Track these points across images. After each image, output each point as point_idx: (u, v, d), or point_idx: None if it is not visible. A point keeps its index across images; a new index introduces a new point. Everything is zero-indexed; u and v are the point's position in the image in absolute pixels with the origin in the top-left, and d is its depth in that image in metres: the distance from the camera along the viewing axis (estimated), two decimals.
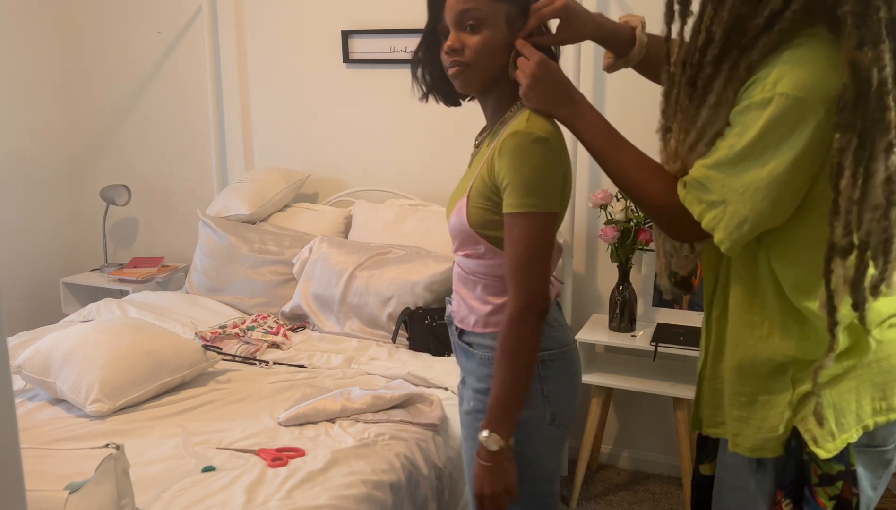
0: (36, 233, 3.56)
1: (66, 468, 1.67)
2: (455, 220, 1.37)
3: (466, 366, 1.45)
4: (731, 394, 1.19)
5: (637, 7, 2.64)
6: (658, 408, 2.83)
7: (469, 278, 1.40)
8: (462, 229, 1.36)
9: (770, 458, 1.16)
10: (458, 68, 1.32)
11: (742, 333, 1.16)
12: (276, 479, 1.69)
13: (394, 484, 1.77)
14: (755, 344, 1.15)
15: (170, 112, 3.50)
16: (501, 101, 1.37)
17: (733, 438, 1.20)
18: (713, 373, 1.25)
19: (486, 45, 1.30)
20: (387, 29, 3.00)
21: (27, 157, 3.49)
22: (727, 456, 1.23)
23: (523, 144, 1.26)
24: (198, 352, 2.25)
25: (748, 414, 1.17)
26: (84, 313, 2.86)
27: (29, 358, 2.14)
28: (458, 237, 1.39)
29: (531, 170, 1.25)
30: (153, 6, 3.41)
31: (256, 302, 2.87)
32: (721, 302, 1.21)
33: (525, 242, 1.27)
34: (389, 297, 2.56)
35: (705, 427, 1.29)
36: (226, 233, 2.99)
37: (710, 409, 1.26)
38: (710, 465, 1.33)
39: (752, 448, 1.17)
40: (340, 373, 2.33)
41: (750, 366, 1.16)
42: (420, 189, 3.08)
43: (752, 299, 1.15)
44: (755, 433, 1.16)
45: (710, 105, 1.09)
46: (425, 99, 1.50)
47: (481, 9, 1.29)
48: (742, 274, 1.16)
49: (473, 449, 1.35)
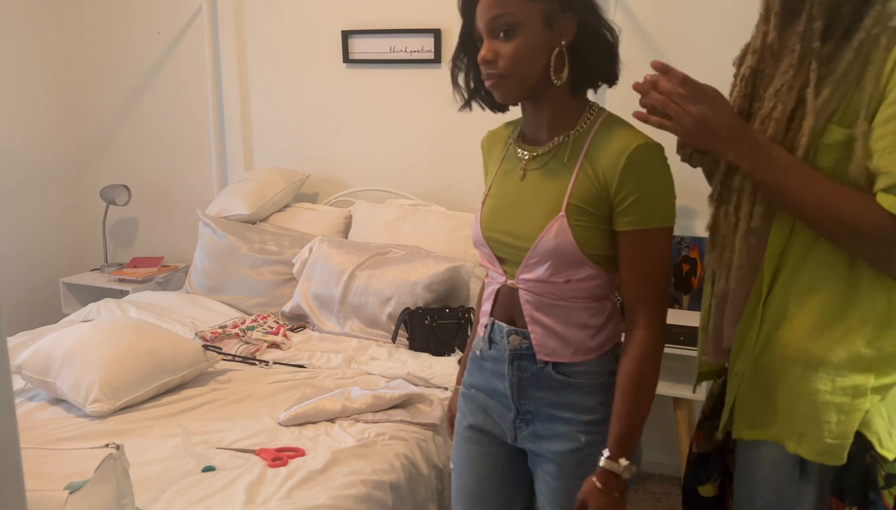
0: (36, 233, 3.56)
1: (66, 468, 1.67)
2: (553, 243, 1.23)
3: (559, 400, 1.30)
4: (802, 392, 1.12)
5: (637, 7, 2.65)
6: (658, 408, 2.83)
7: (559, 305, 1.27)
8: (564, 252, 1.22)
9: (816, 466, 1.11)
10: (494, 81, 1.23)
11: (824, 330, 1.10)
12: (276, 479, 1.69)
13: (394, 484, 1.77)
14: (843, 339, 1.09)
15: (170, 112, 3.50)
16: (562, 107, 1.26)
17: (799, 438, 1.12)
18: (757, 368, 1.16)
19: (521, 52, 1.20)
20: (387, 29, 3.00)
21: (27, 157, 3.49)
22: (762, 469, 1.16)
23: (655, 157, 1.19)
24: (198, 352, 2.25)
25: (819, 415, 1.11)
26: (84, 313, 2.86)
27: (29, 358, 2.14)
28: (552, 261, 1.24)
29: (666, 183, 1.20)
30: (153, 6, 3.41)
31: (256, 302, 2.87)
32: (784, 293, 1.13)
33: (663, 258, 1.21)
34: (389, 297, 2.56)
35: (740, 429, 1.20)
36: (226, 233, 2.99)
37: (746, 410, 1.18)
38: (712, 486, 1.25)
39: (819, 451, 1.11)
40: (340, 373, 2.33)
41: (832, 365, 1.10)
42: (420, 189, 3.08)
43: (848, 294, 1.09)
44: (825, 436, 1.10)
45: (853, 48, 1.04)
46: (468, 107, 1.37)
47: (513, 13, 1.19)
48: (836, 267, 1.09)
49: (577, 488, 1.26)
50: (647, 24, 2.63)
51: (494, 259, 1.34)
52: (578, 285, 1.25)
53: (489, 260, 1.36)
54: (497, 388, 1.37)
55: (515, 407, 1.34)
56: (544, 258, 1.24)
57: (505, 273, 1.33)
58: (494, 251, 1.33)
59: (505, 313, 1.34)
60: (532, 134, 1.32)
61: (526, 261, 1.27)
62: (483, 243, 1.35)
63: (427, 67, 2.97)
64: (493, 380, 1.38)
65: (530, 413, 1.33)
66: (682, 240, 2.64)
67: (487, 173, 1.44)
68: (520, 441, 1.36)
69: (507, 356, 1.33)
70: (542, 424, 1.32)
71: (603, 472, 1.22)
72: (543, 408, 1.32)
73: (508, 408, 1.36)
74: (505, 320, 1.34)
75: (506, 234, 1.30)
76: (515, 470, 1.41)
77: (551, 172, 1.26)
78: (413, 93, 3.03)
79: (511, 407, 1.35)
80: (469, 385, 1.45)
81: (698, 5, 2.56)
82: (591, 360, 1.28)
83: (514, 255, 1.29)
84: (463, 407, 1.46)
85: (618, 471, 1.21)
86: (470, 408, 1.44)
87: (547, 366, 1.30)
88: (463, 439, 1.46)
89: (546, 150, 1.28)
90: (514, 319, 1.32)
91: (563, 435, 1.30)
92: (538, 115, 1.29)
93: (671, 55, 2.57)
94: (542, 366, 1.30)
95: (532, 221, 1.25)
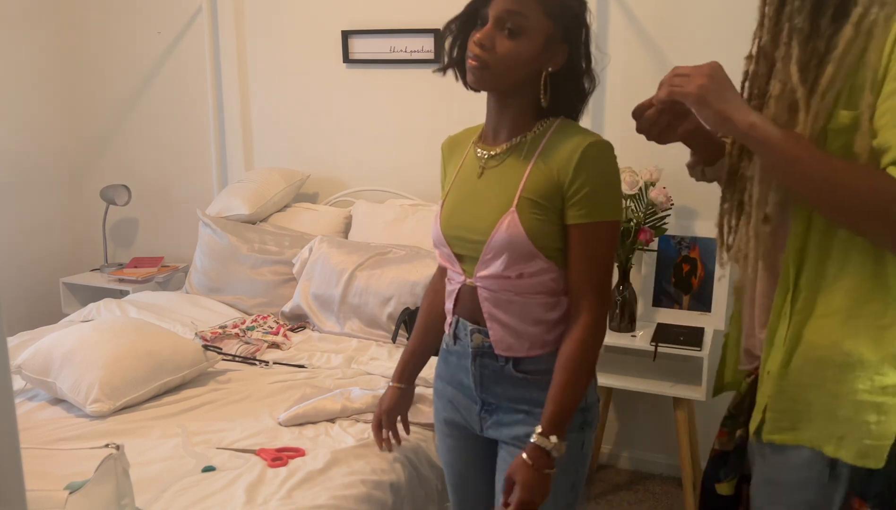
0: (36, 233, 3.56)
1: (66, 468, 1.67)
2: (504, 237, 1.27)
3: (518, 395, 1.36)
4: (840, 393, 1.08)
5: (637, 6, 2.64)
6: (658, 408, 2.83)
7: (515, 301, 1.31)
8: (516, 245, 1.27)
9: (847, 468, 1.08)
10: (477, 64, 1.26)
11: (857, 325, 1.06)
12: (276, 479, 1.69)
13: (394, 484, 1.77)
14: (878, 336, 1.05)
15: (170, 112, 3.50)
16: (525, 110, 1.32)
17: (838, 442, 1.08)
18: (789, 369, 1.12)
19: (515, 54, 1.25)
20: (387, 29, 3.00)
21: (27, 157, 3.49)
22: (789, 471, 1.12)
23: (606, 154, 1.27)
24: (198, 352, 2.25)
25: (857, 415, 1.07)
26: (84, 313, 2.86)
27: (29, 358, 2.14)
28: (505, 254, 1.28)
29: (615, 178, 1.28)
30: (153, 6, 3.41)
31: (256, 302, 2.87)
32: (811, 289, 1.09)
33: (608, 248, 1.29)
34: (389, 297, 2.56)
35: (771, 432, 1.14)
36: (226, 233, 3.00)
37: (776, 413, 1.13)
38: (728, 485, 1.22)
39: (858, 454, 1.07)
40: (340, 373, 2.33)
41: (870, 363, 1.06)
42: (420, 189, 3.08)
43: (877, 288, 1.05)
44: (864, 438, 1.06)
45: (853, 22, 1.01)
46: (443, 72, 1.39)
47: (527, 17, 1.23)
48: (863, 261, 1.05)
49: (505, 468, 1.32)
50: (647, 24, 2.63)
51: (454, 258, 1.38)
52: (532, 280, 1.30)
53: (448, 259, 1.40)
54: (462, 381, 1.43)
55: (480, 399, 1.41)
56: (498, 252, 1.29)
57: (464, 272, 1.37)
58: (453, 249, 1.37)
59: (467, 311, 1.39)
60: (492, 133, 1.37)
61: (483, 256, 1.31)
62: (443, 242, 1.39)
63: (427, 67, 2.97)
64: (458, 374, 1.44)
65: (493, 404, 1.40)
66: (682, 240, 2.64)
67: (447, 176, 1.47)
68: (485, 430, 1.43)
69: (470, 352, 1.39)
70: (504, 414, 1.39)
71: (533, 448, 1.27)
72: (504, 401, 1.39)
73: (474, 400, 1.43)
74: (468, 318, 1.39)
75: (463, 229, 1.35)
76: (491, 458, 1.47)
77: (507, 168, 1.32)
78: (413, 93, 3.03)
79: (476, 399, 1.42)
80: (438, 377, 1.52)
81: (698, 5, 2.56)
82: (547, 354, 1.33)
83: (472, 251, 1.34)
84: (437, 402, 1.54)
85: (548, 447, 1.26)
86: (442, 403, 1.51)
87: (508, 363, 1.35)
88: (441, 433, 1.54)
89: (504, 149, 1.34)
90: (475, 317, 1.37)
91: (521, 421, 1.36)
92: (501, 114, 1.34)
93: (671, 55, 2.57)
94: (502, 363, 1.36)
95: (488, 216, 1.30)
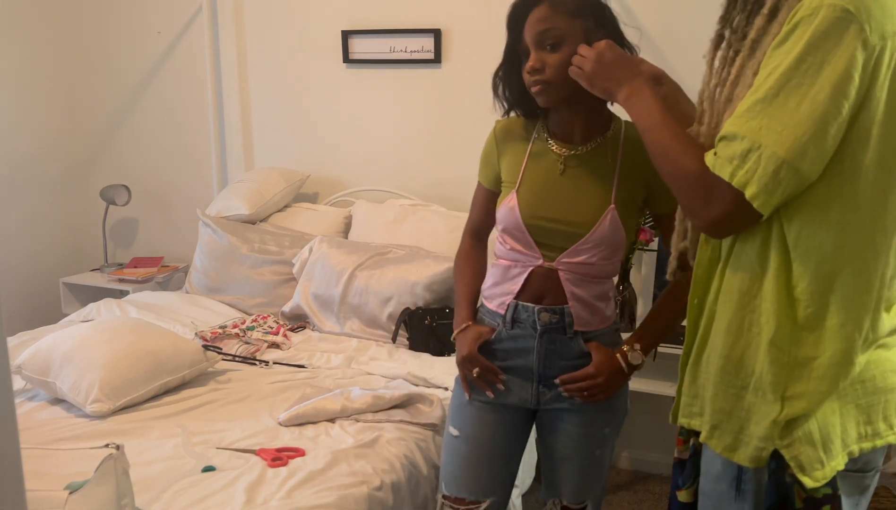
0: (36, 233, 3.56)
1: (66, 468, 1.67)
2: (609, 231, 1.43)
3: (580, 364, 1.50)
4: (719, 383, 1.10)
5: (637, 7, 2.65)
6: (658, 408, 2.83)
7: (591, 282, 1.48)
8: (616, 238, 1.44)
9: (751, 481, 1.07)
10: (541, 87, 1.39)
11: (740, 319, 1.06)
12: (276, 479, 1.69)
13: (394, 484, 1.77)
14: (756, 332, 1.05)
15: (170, 112, 3.50)
16: (595, 108, 1.46)
17: (710, 430, 1.11)
18: (697, 358, 1.15)
19: (566, 61, 1.36)
20: (387, 29, 3.00)
21: (27, 158, 3.49)
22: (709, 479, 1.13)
23: None
24: (198, 352, 2.25)
25: (732, 408, 1.08)
26: (84, 313, 2.86)
27: (29, 358, 2.14)
28: (604, 247, 1.44)
29: None
30: (153, 6, 3.41)
31: (256, 302, 2.87)
32: (719, 282, 1.11)
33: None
34: (389, 297, 2.56)
35: (682, 416, 1.19)
36: (226, 233, 2.99)
37: (688, 397, 1.17)
38: (688, 492, 1.22)
39: (728, 446, 1.09)
40: (340, 373, 2.33)
41: (743, 357, 1.06)
42: (420, 189, 3.08)
43: (753, 284, 1.05)
44: (735, 431, 1.08)
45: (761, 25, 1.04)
46: (507, 115, 1.56)
47: (560, 27, 1.36)
48: (749, 254, 1.06)
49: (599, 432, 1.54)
50: (647, 24, 2.63)
51: (532, 243, 1.47)
52: (607, 264, 1.47)
53: (524, 244, 1.48)
54: (517, 364, 1.53)
55: (539, 375, 1.52)
56: (598, 244, 1.43)
57: (543, 256, 1.47)
58: (534, 236, 1.47)
59: (534, 293, 1.49)
60: (563, 133, 1.49)
61: (577, 246, 1.44)
62: (521, 228, 1.47)
63: (427, 67, 2.97)
64: (511, 357, 1.53)
65: (554, 378, 1.51)
66: None
67: (505, 161, 1.53)
68: (542, 404, 1.54)
69: (537, 332, 1.49)
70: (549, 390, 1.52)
71: (622, 352, 1.48)
72: (567, 372, 1.50)
73: (529, 379, 1.53)
74: (531, 300, 1.49)
75: (552, 221, 1.45)
76: (519, 431, 1.59)
77: (595, 168, 1.46)
78: (413, 93, 3.03)
79: (535, 376, 1.52)
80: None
81: (698, 5, 2.56)
82: (606, 328, 1.52)
83: (560, 241, 1.45)
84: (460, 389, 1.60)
85: (633, 358, 1.47)
86: (477, 392, 1.57)
87: (577, 336, 1.49)
88: (473, 407, 1.58)
89: (586, 150, 1.47)
90: (541, 298, 1.49)
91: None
92: (573, 116, 1.47)
93: (671, 55, 2.57)
94: (571, 336, 1.49)
95: (588, 211, 1.43)
